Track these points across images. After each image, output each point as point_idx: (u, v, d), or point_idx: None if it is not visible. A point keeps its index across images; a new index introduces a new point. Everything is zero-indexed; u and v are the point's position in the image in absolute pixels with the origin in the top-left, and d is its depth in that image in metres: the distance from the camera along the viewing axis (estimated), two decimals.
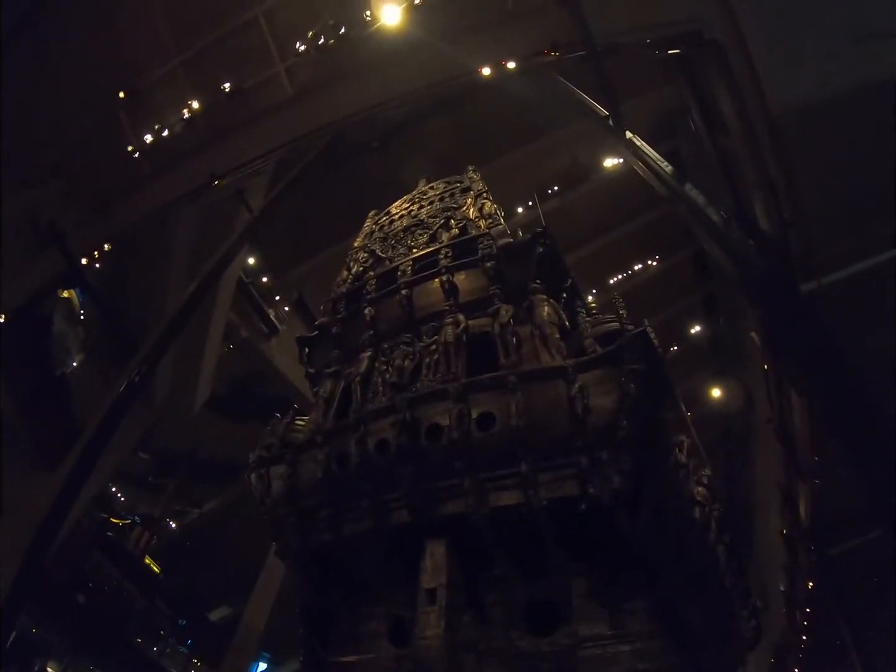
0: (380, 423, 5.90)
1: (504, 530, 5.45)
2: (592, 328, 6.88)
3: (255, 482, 6.86)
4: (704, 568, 7.30)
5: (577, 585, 5.45)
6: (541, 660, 5.31)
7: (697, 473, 7.95)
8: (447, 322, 6.66)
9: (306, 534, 6.39)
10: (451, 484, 5.52)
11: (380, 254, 8.43)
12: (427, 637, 5.19)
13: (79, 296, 27.68)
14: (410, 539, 5.64)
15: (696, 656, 5.30)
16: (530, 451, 5.32)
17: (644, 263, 32.40)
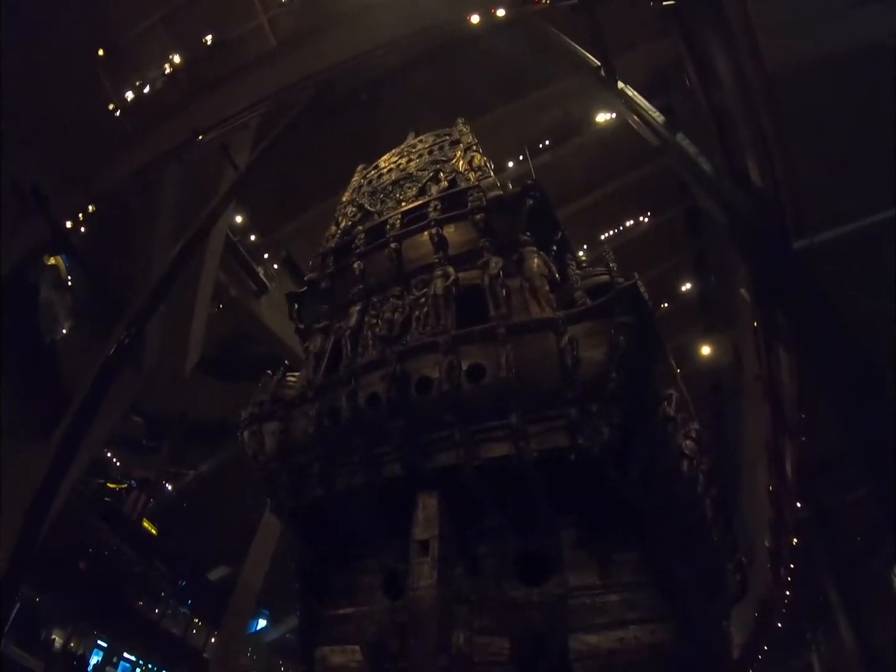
0: (370, 376, 5.88)
1: (495, 482, 5.49)
2: (582, 281, 6.84)
3: (247, 440, 6.87)
4: (692, 521, 7.43)
5: (567, 536, 5.53)
6: (532, 609, 5.43)
7: (686, 427, 8.03)
8: (436, 275, 6.59)
9: (299, 489, 6.42)
10: (441, 436, 5.53)
11: (368, 208, 8.29)
12: (420, 588, 5.28)
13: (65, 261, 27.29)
14: (402, 492, 5.67)
15: (684, 608, 5.43)
16: (520, 403, 5.33)
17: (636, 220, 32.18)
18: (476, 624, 5.45)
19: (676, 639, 5.13)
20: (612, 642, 5.10)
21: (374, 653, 5.98)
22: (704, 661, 6.19)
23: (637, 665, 5.02)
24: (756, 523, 29.36)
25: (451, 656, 5.15)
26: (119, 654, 32.15)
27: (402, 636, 5.59)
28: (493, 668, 5.32)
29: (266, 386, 7.17)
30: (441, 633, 5.14)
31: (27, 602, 23.70)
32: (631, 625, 5.15)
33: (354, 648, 6.13)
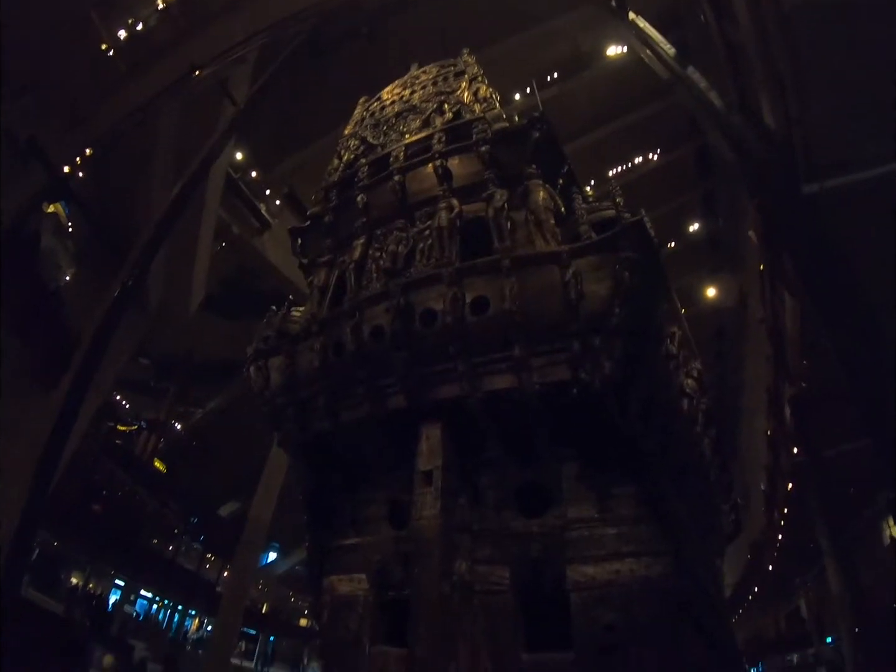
0: (374, 309, 5.88)
1: (497, 414, 5.54)
2: (588, 215, 6.71)
3: (253, 375, 6.93)
4: (690, 459, 7.53)
5: (568, 469, 5.60)
6: (531, 540, 5.55)
7: (688, 366, 8.05)
8: (441, 207, 6.49)
9: (305, 422, 6.51)
10: (445, 368, 5.56)
11: (371, 141, 8.10)
12: (424, 517, 5.41)
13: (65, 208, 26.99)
14: (406, 423, 5.74)
15: (679, 543, 5.51)
16: (523, 336, 5.33)
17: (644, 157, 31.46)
18: (477, 553, 5.59)
19: (671, 573, 5.24)
20: (608, 574, 5.23)
21: (380, 581, 6.15)
22: (697, 596, 6.29)
23: (632, 597, 5.13)
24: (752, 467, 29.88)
25: (452, 584, 5.31)
26: (136, 591, 33.32)
27: (406, 565, 5.73)
28: (493, 596, 5.47)
29: (271, 321, 7.19)
30: (444, 562, 5.28)
31: (45, 547, 24.43)
32: (627, 558, 5.26)
33: (361, 577, 6.29)
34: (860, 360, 9.71)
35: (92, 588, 29.24)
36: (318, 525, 6.91)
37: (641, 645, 5.03)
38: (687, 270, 29.74)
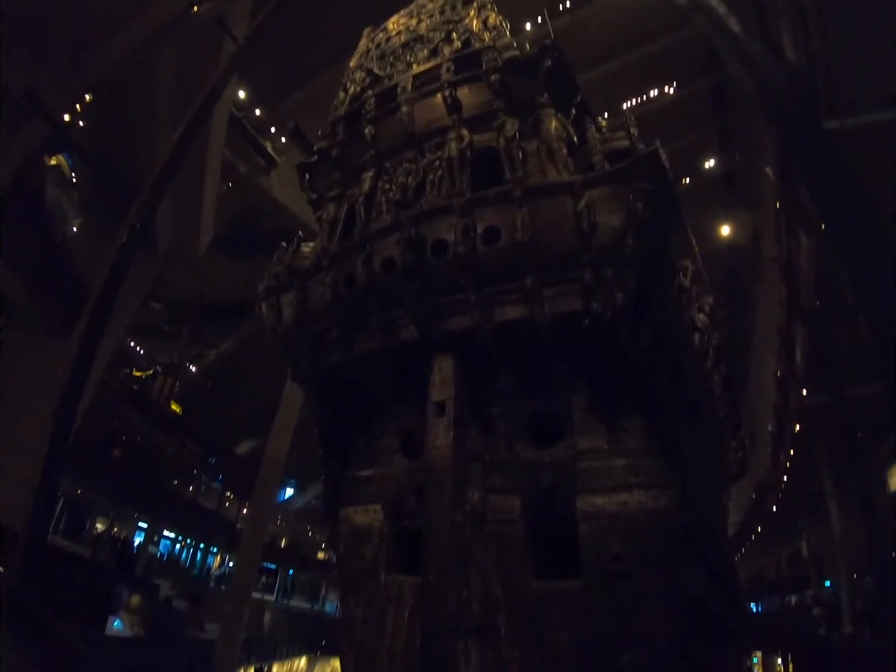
0: (385, 241, 5.82)
1: (509, 345, 5.55)
2: (602, 145, 6.53)
3: (265, 312, 6.95)
4: (699, 394, 7.57)
5: (578, 400, 5.63)
6: (542, 470, 5.63)
7: (700, 300, 8.02)
8: (450, 138, 6.34)
9: (318, 356, 6.55)
10: (457, 299, 5.55)
11: (377, 72, 7.84)
12: (437, 447, 5.50)
13: (67, 160, 26.70)
14: (418, 355, 5.77)
15: (686, 477, 5.58)
16: (535, 266, 5.29)
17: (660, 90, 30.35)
18: (489, 483, 5.69)
19: (677, 506, 5.33)
20: (616, 505, 5.32)
21: (394, 511, 6.31)
22: (702, 530, 6.44)
23: (639, 528, 5.25)
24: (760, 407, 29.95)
25: (465, 513, 5.44)
26: (159, 532, 34.54)
27: (419, 495, 5.85)
28: (504, 525, 5.61)
29: (281, 258, 7.14)
30: (456, 491, 5.41)
31: (69, 495, 25.00)
32: (635, 489, 5.35)
33: (376, 508, 6.46)
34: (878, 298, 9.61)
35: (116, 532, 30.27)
36: (333, 458, 7.04)
37: (647, 575, 5.18)
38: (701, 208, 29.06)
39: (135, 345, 40.06)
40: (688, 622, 5.35)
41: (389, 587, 6.14)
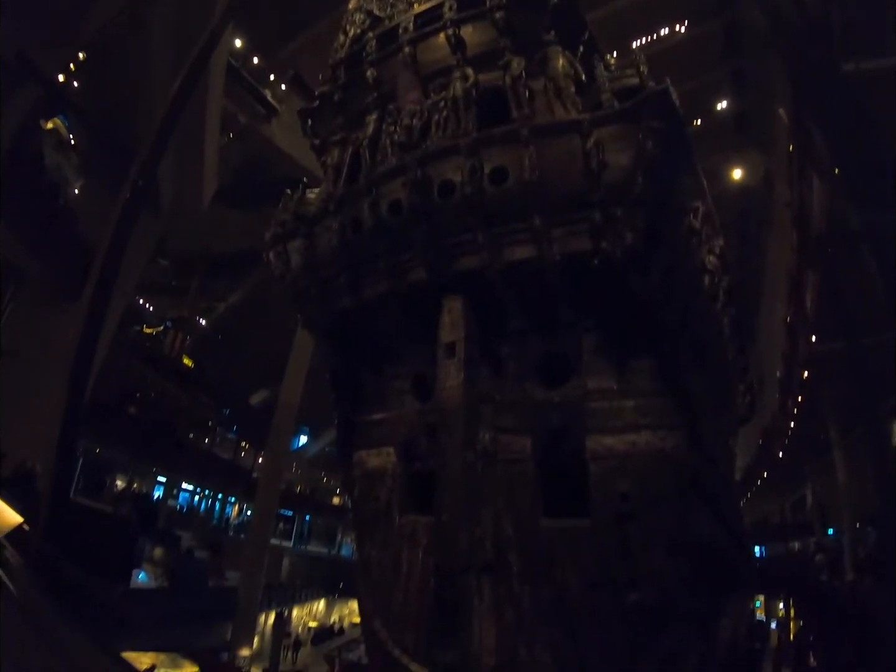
0: (391, 184, 5.77)
1: (518, 285, 5.54)
2: (611, 83, 6.38)
3: (273, 260, 6.96)
4: (709, 336, 7.55)
5: (587, 341, 5.66)
6: (552, 410, 5.70)
7: (710, 242, 7.90)
8: (455, 77, 6.20)
9: (328, 302, 6.59)
10: (465, 240, 5.51)
11: (378, 13, 7.59)
12: (448, 388, 5.56)
13: (64, 121, 26.28)
14: (428, 297, 5.77)
15: (694, 418, 5.63)
16: (543, 206, 5.23)
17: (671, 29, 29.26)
18: (499, 423, 5.77)
19: (685, 447, 5.41)
20: (625, 445, 5.40)
21: (407, 453, 6.43)
22: (710, 472, 6.51)
23: (647, 469, 5.34)
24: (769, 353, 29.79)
25: (476, 453, 5.53)
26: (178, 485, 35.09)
27: (431, 436, 5.94)
28: (514, 465, 5.71)
29: (286, 205, 7.08)
30: (467, 430, 5.48)
31: (88, 454, 25.36)
32: (644, 430, 5.42)
33: (388, 450, 6.58)
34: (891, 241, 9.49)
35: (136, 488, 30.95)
36: (346, 403, 7.13)
37: (655, 515, 5.29)
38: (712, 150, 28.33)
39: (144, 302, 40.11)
40: (694, 563, 5.47)
41: (403, 528, 6.30)
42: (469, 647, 5.11)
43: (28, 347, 19.26)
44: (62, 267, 21.13)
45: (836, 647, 16.53)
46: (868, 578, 18.23)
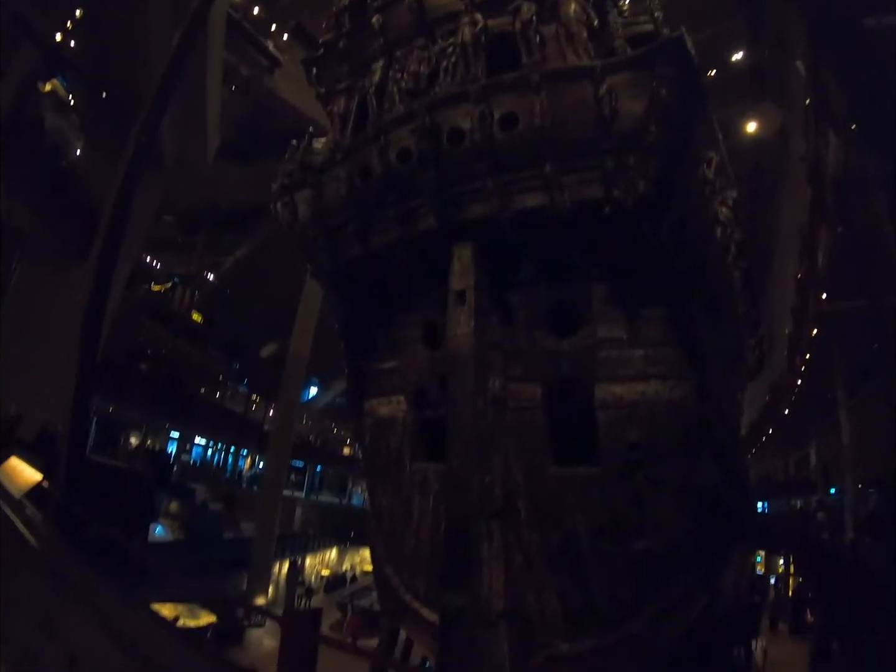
0: (399, 131, 5.68)
1: (529, 233, 5.49)
2: (624, 29, 6.28)
3: (281, 211, 6.90)
4: (720, 288, 7.50)
5: (598, 290, 5.63)
6: (562, 358, 5.71)
7: (723, 194, 7.82)
8: (463, 23, 6.02)
9: (337, 251, 6.56)
10: (475, 187, 5.45)
11: None
12: (458, 335, 5.58)
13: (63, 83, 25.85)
14: (438, 245, 5.74)
15: (703, 370, 5.64)
16: (554, 153, 5.14)
17: None
18: (509, 371, 5.80)
19: (694, 398, 5.42)
20: (634, 394, 5.43)
21: (417, 401, 6.50)
22: (717, 423, 6.49)
23: (657, 418, 5.38)
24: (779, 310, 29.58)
25: (486, 400, 5.57)
26: (190, 440, 35.83)
27: (442, 384, 6.00)
28: (524, 412, 5.76)
29: (293, 156, 6.98)
30: (478, 378, 5.51)
31: (101, 413, 25.73)
32: (653, 379, 5.43)
33: (399, 398, 6.66)
34: None
35: (150, 444, 31.55)
36: (356, 352, 7.18)
37: (663, 464, 5.36)
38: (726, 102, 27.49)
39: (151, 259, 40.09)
40: (701, 513, 5.53)
41: (414, 475, 6.41)
42: (479, 592, 5.21)
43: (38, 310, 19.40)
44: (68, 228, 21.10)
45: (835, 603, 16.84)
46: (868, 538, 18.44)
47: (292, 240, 6.90)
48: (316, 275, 7.15)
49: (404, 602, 6.58)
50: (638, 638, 5.38)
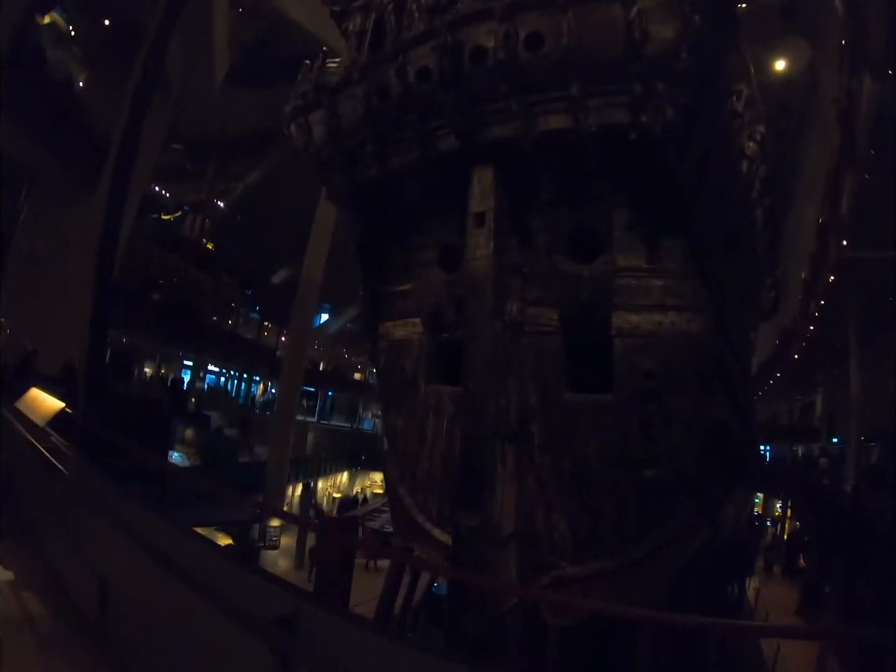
0: (419, 50, 5.49)
1: (551, 156, 5.36)
2: None
3: (295, 133, 6.75)
4: (741, 224, 7.36)
5: (619, 217, 5.53)
6: (580, 284, 5.68)
7: (752, 127, 7.54)
8: None
9: (354, 172, 6.44)
10: (497, 108, 5.30)
11: None
12: (477, 258, 5.53)
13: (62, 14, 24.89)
14: (457, 167, 5.63)
15: (721, 305, 5.61)
16: (581, 75, 4.96)
17: None
18: (527, 295, 5.80)
19: (710, 331, 5.41)
20: (651, 324, 5.42)
21: (433, 323, 6.53)
22: (731, 359, 6.54)
23: (672, 348, 5.39)
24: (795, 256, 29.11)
25: (504, 323, 5.60)
26: (204, 368, 36.22)
27: (458, 307, 6.01)
28: (541, 337, 5.79)
29: (306, 76, 6.74)
30: (496, 301, 5.52)
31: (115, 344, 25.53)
32: (670, 311, 5.41)
33: (415, 321, 6.69)
34: None
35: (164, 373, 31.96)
36: (371, 274, 7.17)
37: (676, 395, 5.39)
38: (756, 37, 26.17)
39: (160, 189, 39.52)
40: (709, 447, 5.61)
41: (429, 397, 6.51)
42: (491, 512, 5.36)
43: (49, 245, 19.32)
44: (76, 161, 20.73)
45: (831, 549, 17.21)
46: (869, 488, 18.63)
47: (307, 162, 6.76)
48: (332, 197, 7.04)
49: (417, 523, 6.79)
50: (642, 564, 5.56)
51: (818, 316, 27.45)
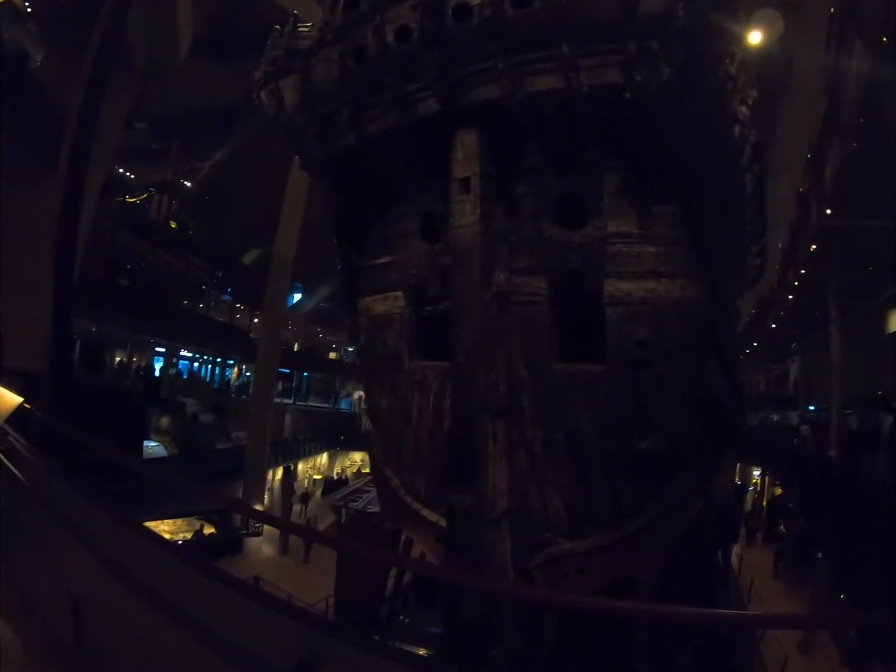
0: (398, 8, 5.15)
1: (539, 118, 5.12)
2: None
3: (265, 100, 6.39)
4: (731, 189, 7.20)
5: (610, 181, 5.33)
6: (570, 251, 5.48)
7: (745, 92, 7.37)
8: None
9: (329, 139, 6.12)
10: (483, 68, 5.00)
11: None
12: (463, 225, 5.29)
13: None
14: (439, 131, 5.35)
15: (713, 272, 5.49)
16: (573, 33, 4.69)
17: None
18: (515, 264, 5.58)
19: (703, 299, 5.30)
20: (644, 292, 5.27)
21: (416, 297, 6.29)
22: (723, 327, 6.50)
23: (665, 316, 5.24)
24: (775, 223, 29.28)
25: (491, 294, 5.38)
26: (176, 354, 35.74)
27: (442, 278, 5.80)
28: (530, 307, 5.59)
29: (276, 42, 6.37)
30: (484, 270, 5.30)
31: (84, 333, 25.15)
32: (663, 278, 5.26)
33: (396, 295, 6.45)
34: None
35: (136, 361, 31.30)
36: (349, 247, 6.88)
37: (670, 363, 5.27)
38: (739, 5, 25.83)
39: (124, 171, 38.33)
40: (702, 415, 5.52)
41: (413, 374, 6.29)
42: (484, 490, 5.22)
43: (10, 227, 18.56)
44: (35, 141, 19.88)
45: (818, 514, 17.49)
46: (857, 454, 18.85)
47: (279, 131, 6.43)
48: (306, 166, 6.68)
49: (405, 503, 6.63)
50: (638, 538, 5.48)
51: (798, 285, 27.65)
